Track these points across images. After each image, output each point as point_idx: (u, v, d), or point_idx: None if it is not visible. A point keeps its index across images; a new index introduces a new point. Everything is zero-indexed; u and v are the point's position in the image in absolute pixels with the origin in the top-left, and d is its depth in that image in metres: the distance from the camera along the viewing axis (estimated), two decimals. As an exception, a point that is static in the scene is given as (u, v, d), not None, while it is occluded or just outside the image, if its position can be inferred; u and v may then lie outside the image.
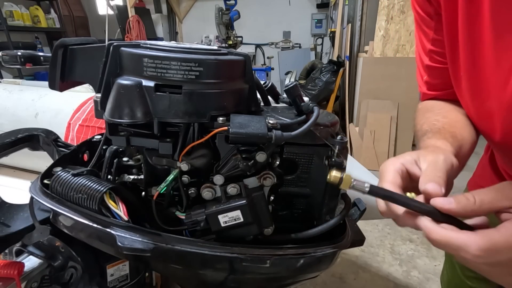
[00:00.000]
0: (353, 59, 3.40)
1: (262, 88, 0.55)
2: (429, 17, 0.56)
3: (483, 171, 0.72)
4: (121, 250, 0.40)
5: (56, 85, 0.54)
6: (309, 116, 0.45)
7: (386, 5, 2.89)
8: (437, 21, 0.55)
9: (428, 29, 0.58)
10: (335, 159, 0.46)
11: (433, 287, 1.69)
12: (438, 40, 0.56)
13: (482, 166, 0.73)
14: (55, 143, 0.74)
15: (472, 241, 0.32)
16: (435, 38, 0.57)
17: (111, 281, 0.58)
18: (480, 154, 0.65)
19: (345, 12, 3.61)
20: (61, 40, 0.52)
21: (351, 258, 1.87)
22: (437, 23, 0.55)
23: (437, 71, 0.59)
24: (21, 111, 1.34)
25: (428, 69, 0.61)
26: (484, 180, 0.71)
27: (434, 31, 0.56)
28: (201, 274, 0.46)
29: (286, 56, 5.02)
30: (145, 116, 0.41)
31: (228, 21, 3.55)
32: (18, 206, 0.59)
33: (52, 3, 5.23)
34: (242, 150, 0.44)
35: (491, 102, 0.48)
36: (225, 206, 0.43)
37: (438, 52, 0.57)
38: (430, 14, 0.56)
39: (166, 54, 0.40)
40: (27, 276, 0.52)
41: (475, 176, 0.76)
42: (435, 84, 0.61)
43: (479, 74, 0.49)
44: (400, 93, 2.97)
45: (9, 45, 4.26)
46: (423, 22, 0.58)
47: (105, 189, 0.44)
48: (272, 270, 0.44)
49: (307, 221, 0.52)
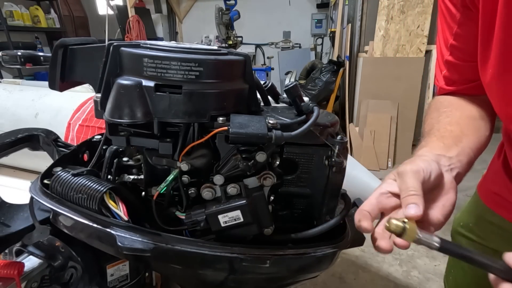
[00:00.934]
0: (353, 59, 3.40)
1: (262, 88, 0.55)
2: (455, 8, 0.54)
3: (495, 176, 0.69)
4: (121, 250, 0.40)
5: (56, 85, 0.54)
6: (309, 116, 0.45)
7: (386, 5, 2.89)
8: (463, 14, 0.53)
9: (452, 22, 0.55)
10: (335, 159, 0.46)
11: (433, 287, 1.69)
12: (461, 36, 0.54)
13: (494, 171, 0.70)
14: (55, 143, 0.74)
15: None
16: (459, 33, 0.55)
17: (111, 281, 0.58)
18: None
19: (345, 12, 3.61)
20: (61, 40, 0.52)
21: (351, 258, 1.87)
22: (462, 17, 0.53)
23: (457, 67, 0.58)
24: (21, 111, 1.34)
25: (448, 64, 0.59)
26: (497, 186, 0.68)
27: (458, 25, 0.54)
28: (201, 274, 0.46)
29: (286, 56, 5.01)
30: (145, 116, 0.41)
31: (228, 21, 3.55)
32: (18, 206, 0.59)
33: (52, 3, 5.22)
34: (242, 150, 0.44)
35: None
36: (225, 206, 0.43)
37: (460, 48, 0.56)
38: (457, 5, 0.54)
39: (166, 54, 0.40)
40: (27, 276, 0.52)
41: (487, 182, 0.73)
42: (454, 80, 0.59)
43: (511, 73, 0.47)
44: (400, 93, 2.97)
45: (9, 45, 4.26)
46: (448, 14, 0.56)
47: (105, 189, 0.44)
48: (272, 270, 0.44)
49: (307, 221, 0.52)
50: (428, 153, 0.48)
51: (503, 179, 0.66)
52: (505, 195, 0.65)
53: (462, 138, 0.52)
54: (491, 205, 0.69)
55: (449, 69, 0.59)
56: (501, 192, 0.67)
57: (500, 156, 0.68)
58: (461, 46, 0.56)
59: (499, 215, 0.67)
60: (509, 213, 0.65)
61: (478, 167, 0.60)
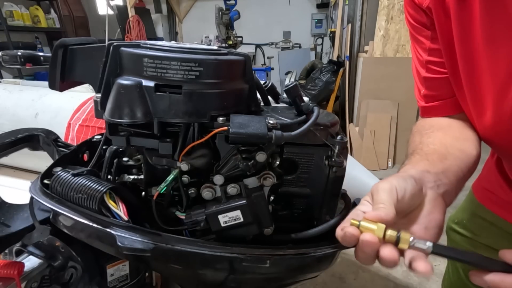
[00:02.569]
0: (353, 59, 3.40)
1: (262, 88, 0.55)
2: (424, 27, 0.56)
3: (489, 174, 0.71)
4: (121, 250, 0.40)
5: (56, 85, 0.54)
6: (309, 116, 0.45)
7: (386, 5, 2.89)
8: (433, 30, 0.54)
9: (424, 39, 0.57)
10: (335, 159, 0.46)
11: (433, 287, 1.69)
12: (435, 50, 0.55)
13: (488, 169, 0.72)
14: (55, 143, 0.74)
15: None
16: (432, 47, 0.56)
17: (111, 281, 0.58)
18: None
19: (345, 12, 3.61)
20: (61, 40, 0.52)
21: (351, 258, 1.87)
22: (433, 33, 0.54)
23: (434, 82, 0.58)
24: (21, 111, 1.34)
25: (426, 81, 0.59)
26: (490, 183, 0.70)
27: (431, 40, 0.55)
28: (201, 274, 0.46)
29: (286, 56, 5.01)
30: (145, 116, 0.41)
31: (228, 21, 3.55)
32: (18, 206, 0.59)
33: (52, 3, 5.22)
34: (242, 150, 0.44)
35: (491, 113, 0.48)
36: (225, 206, 0.43)
37: (435, 62, 0.56)
38: (425, 24, 0.55)
39: (166, 54, 0.40)
40: (27, 276, 0.52)
41: (481, 180, 0.75)
42: (433, 96, 0.60)
43: (477, 84, 0.48)
44: (400, 93, 2.97)
45: (9, 45, 4.26)
46: (418, 33, 0.57)
47: (105, 189, 0.44)
48: (272, 270, 0.44)
49: (307, 221, 0.52)
50: (411, 169, 0.44)
51: (496, 177, 0.67)
52: (498, 192, 0.68)
53: (448, 156, 0.48)
54: (484, 201, 0.72)
55: (427, 86, 0.60)
56: (493, 189, 0.69)
57: (494, 155, 0.70)
58: (436, 59, 0.56)
59: (491, 211, 0.69)
60: (500, 209, 0.67)
61: (477, 167, 0.60)
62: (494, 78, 0.45)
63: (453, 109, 0.58)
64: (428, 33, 0.55)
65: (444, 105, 0.59)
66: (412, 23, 0.58)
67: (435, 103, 0.60)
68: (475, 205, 0.74)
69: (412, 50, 0.62)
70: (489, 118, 0.49)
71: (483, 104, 0.49)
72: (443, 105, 0.59)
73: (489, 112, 0.48)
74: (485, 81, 0.47)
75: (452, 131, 0.56)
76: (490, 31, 0.43)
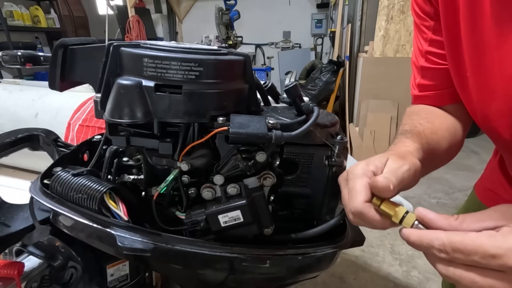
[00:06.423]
0: (353, 59, 3.40)
1: (262, 88, 0.55)
2: (428, 17, 0.56)
3: (491, 174, 0.71)
4: (121, 250, 0.40)
5: (56, 85, 0.54)
6: (309, 116, 0.45)
7: (386, 5, 2.89)
8: (437, 21, 0.55)
9: (426, 29, 0.58)
10: (335, 159, 0.46)
11: (433, 287, 1.69)
12: (436, 41, 0.56)
13: (490, 169, 0.72)
14: (55, 143, 0.74)
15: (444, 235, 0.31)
16: (433, 38, 0.57)
17: (111, 281, 0.58)
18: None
19: (345, 12, 3.61)
20: (61, 40, 0.52)
21: (351, 258, 1.87)
22: (436, 24, 0.55)
23: (431, 72, 0.59)
24: (21, 111, 1.34)
25: (422, 70, 0.60)
26: (492, 183, 0.70)
27: (433, 31, 0.56)
28: (201, 274, 0.46)
29: (286, 56, 5.01)
30: (145, 116, 0.41)
31: (228, 21, 3.55)
32: (18, 206, 0.59)
33: (52, 3, 5.22)
34: (242, 150, 0.44)
35: (500, 102, 0.48)
36: (225, 206, 0.43)
37: (435, 53, 0.57)
38: (430, 14, 0.56)
39: (166, 54, 0.40)
40: (27, 276, 0.52)
41: (483, 179, 0.75)
42: (428, 86, 0.61)
43: (486, 74, 0.48)
44: (400, 93, 2.96)
45: (9, 45, 4.25)
46: (421, 23, 0.58)
47: (105, 189, 0.44)
48: (272, 270, 0.44)
49: (307, 221, 0.52)
50: (416, 153, 0.47)
51: (498, 177, 0.68)
52: (500, 192, 0.68)
53: (436, 148, 0.53)
54: (486, 201, 0.72)
55: (423, 75, 0.61)
56: (496, 189, 0.69)
57: (497, 155, 0.70)
58: (436, 51, 0.57)
59: None
60: None
61: (478, 167, 0.60)
62: (505, 65, 0.45)
63: (445, 100, 0.60)
64: (431, 23, 0.56)
65: (436, 96, 0.60)
66: (417, 12, 0.59)
67: (428, 93, 0.61)
68: (477, 205, 0.74)
69: (414, 41, 0.62)
70: (499, 105, 0.48)
71: (493, 91, 0.48)
72: (435, 96, 0.60)
73: (499, 99, 0.48)
74: (496, 68, 0.46)
75: (446, 121, 0.59)
76: (501, 16, 0.43)
